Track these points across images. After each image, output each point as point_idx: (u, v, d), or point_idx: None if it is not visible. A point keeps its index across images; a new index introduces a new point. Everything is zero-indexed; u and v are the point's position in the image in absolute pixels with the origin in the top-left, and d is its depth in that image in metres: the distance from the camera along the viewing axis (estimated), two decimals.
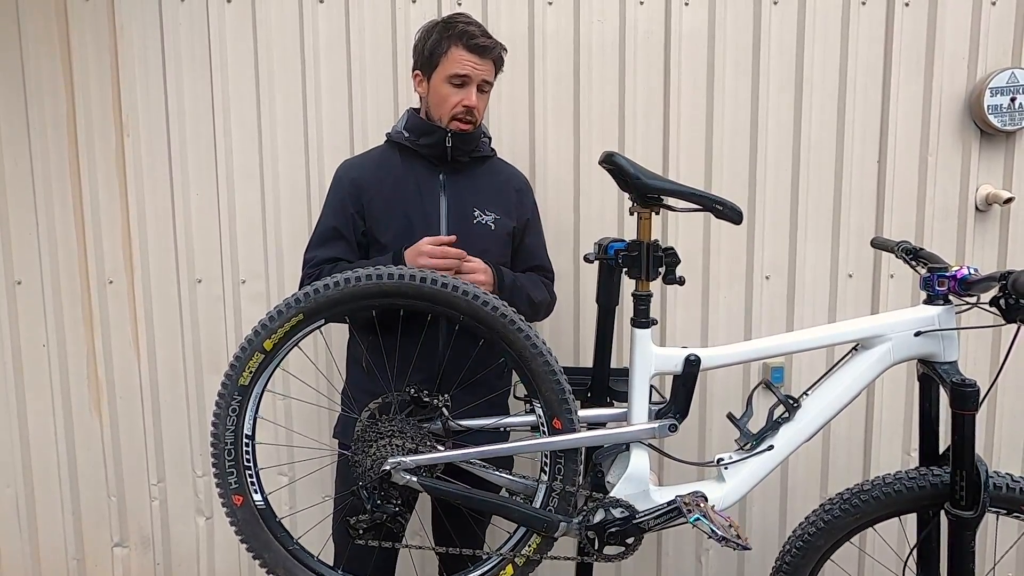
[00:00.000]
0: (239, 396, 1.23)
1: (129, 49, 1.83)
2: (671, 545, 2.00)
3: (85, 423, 1.95)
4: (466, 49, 1.44)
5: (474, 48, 1.44)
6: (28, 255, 1.89)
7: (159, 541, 2.00)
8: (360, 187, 1.49)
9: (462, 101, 1.45)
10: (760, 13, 1.84)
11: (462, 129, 1.47)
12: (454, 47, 1.44)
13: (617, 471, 1.30)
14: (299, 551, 1.29)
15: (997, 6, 1.84)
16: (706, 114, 1.87)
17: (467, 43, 1.44)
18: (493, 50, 1.46)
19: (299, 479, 1.88)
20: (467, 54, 1.44)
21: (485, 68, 1.46)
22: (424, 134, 1.49)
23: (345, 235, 1.48)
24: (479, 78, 1.46)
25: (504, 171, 1.61)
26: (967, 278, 1.21)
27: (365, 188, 1.48)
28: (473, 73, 1.45)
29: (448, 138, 1.46)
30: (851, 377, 1.28)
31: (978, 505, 1.20)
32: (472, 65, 1.44)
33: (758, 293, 1.92)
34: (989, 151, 1.90)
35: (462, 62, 1.44)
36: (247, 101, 1.85)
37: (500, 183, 1.56)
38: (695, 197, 1.23)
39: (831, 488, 1.96)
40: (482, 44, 1.44)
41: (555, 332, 1.90)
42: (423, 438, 1.25)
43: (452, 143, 1.47)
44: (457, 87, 1.45)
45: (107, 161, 1.87)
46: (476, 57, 1.44)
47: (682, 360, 1.26)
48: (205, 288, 1.91)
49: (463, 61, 1.44)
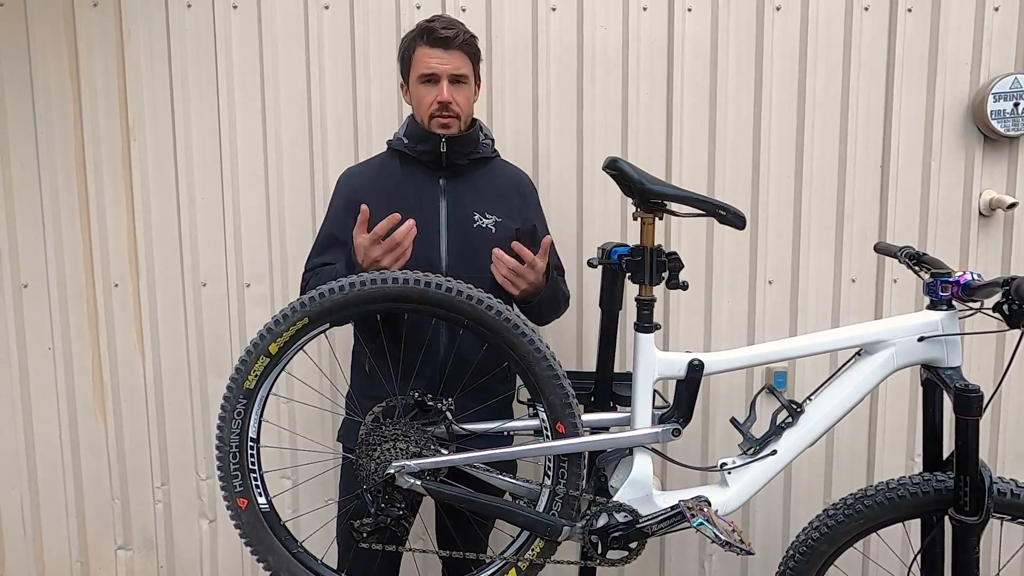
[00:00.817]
0: (244, 399, 1.23)
1: (136, 54, 1.85)
2: (674, 550, 2.00)
3: (90, 426, 1.96)
4: (428, 45, 1.43)
5: (435, 42, 1.43)
6: (35, 258, 1.90)
7: (163, 544, 2.00)
8: (359, 195, 1.48)
9: (436, 98, 1.43)
10: (763, 19, 1.85)
11: (443, 125, 1.45)
12: (418, 47, 1.45)
13: (620, 475, 1.30)
14: (303, 554, 1.29)
15: (1000, 11, 1.85)
16: (709, 119, 1.88)
17: (428, 39, 1.43)
18: (454, 40, 1.43)
19: (302, 483, 1.88)
20: (430, 49, 1.43)
21: (452, 61, 1.44)
22: (420, 140, 1.48)
23: (343, 241, 1.47)
24: (447, 72, 1.43)
25: (506, 172, 1.59)
26: (970, 283, 1.21)
27: (365, 196, 1.47)
28: (439, 68, 1.43)
29: (442, 143, 1.45)
30: (854, 382, 1.28)
31: (982, 511, 1.20)
32: (436, 60, 1.43)
33: (761, 298, 1.92)
34: (992, 156, 1.90)
35: (426, 60, 1.44)
36: (252, 106, 1.87)
37: (501, 185, 1.55)
38: (698, 202, 1.24)
39: (835, 493, 1.95)
40: (441, 36, 1.42)
41: (557, 336, 1.90)
42: (427, 442, 1.25)
43: (446, 147, 1.46)
44: (428, 84, 1.44)
45: (113, 165, 1.88)
46: (439, 51, 1.43)
47: (685, 365, 1.27)
48: (210, 291, 1.92)
49: (426, 59, 1.43)
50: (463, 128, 1.49)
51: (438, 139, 1.45)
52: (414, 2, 1.84)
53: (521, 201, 1.56)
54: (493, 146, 1.59)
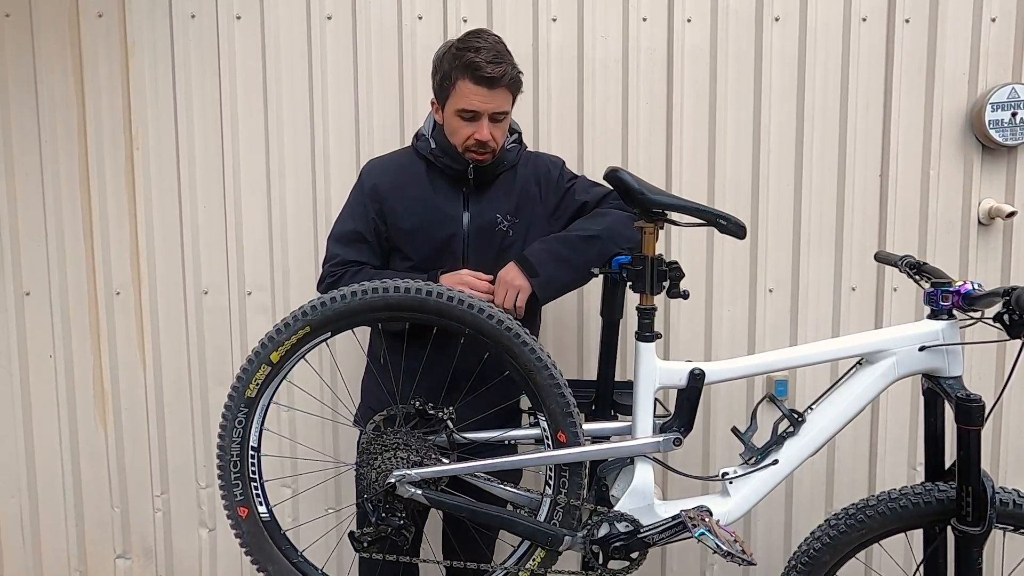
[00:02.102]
0: (245, 408, 1.23)
1: (140, 64, 1.86)
2: (675, 560, 1.99)
3: (90, 434, 1.96)
4: (473, 82, 1.35)
5: (481, 81, 1.34)
6: (37, 267, 1.91)
7: (162, 553, 2.00)
8: (380, 195, 1.47)
9: (473, 135, 1.38)
10: (761, 30, 1.86)
11: (478, 160, 1.42)
12: (461, 80, 1.36)
13: (621, 485, 1.30)
14: (303, 564, 1.29)
15: (997, 22, 1.86)
16: (708, 129, 1.89)
17: (473, 75, 1.34)
18: (502, 79, 1.36)
19: (302, 492, 1.88)
20: (474, 87, 1.35)
21: (496, 100, 1.37)
22: (448, 155, 1.45)
23: (368, 239, 1.46)
24: (489, 111, 1.38)
25: (527, 166, 1.52)
26: (971, 293, 1.22)
27: (386, 197, 1.46)
28: (482, 108, 1.37)
29: (470, 169, 1.43)
30: (856, 392, 1.28)
31: (985, 521, 1.20)
32: (480, 99, 1.36)
33: (761, 306, 1.92)
34: (991, 165, 1.90)
35: (469, 97, 1.36)
36: (255, 115, 1.88)
37: (521, 182, 1.49)
38: (699, 212, 1.24)
39: (836, 502, 1.95)
40: (488, 75, 1.34)
41: (558, 345, 1.90)
42: (428, 451, 1.25)
43: (474, 174, 1.43)
44: (467, 120, 1.38)
45: (116, 174, 1.89)
46: (484, 89, 1.35)
47: (687, 374, 1.27)
48: (211, 300, 1.92)
49: (470, 96, 1.36)
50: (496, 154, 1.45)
51: (467, 164, 1.43)
52: (416, 12, 1.86)
53: (540, 189, 1.50)
54: (520, 144, 1.53)
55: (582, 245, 1.39)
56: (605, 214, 1.46)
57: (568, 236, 1.42)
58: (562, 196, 1.51)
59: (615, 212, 1.45)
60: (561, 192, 1.51)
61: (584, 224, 1.44)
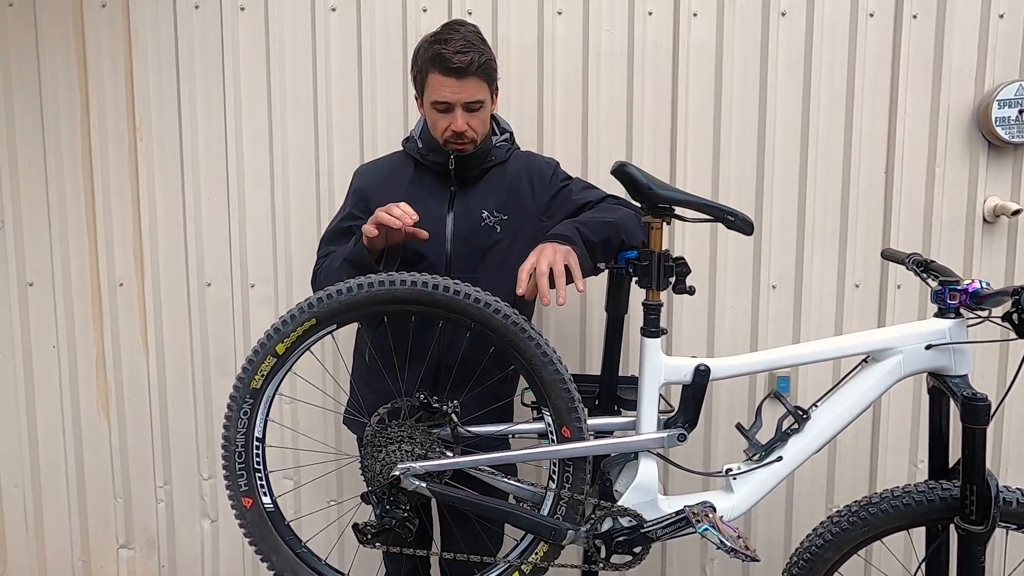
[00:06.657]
0: (251, 399, 1.23)
1: (143, 55, 1.85)
2: (675, 555, 2.00)
3: (93, 425, 1.96)
4: (441, 73, 1.36)
5: (449, 72, 1.35)
6: (40, 257, 1.91)
7: (164, 543, 2.00)
8: (368, 194, 1.49)
9: (449, 127, 1.40)
10: (768, 24, 1.85)
11: (458, 150, 1.43)
12: (431, 72, 1.37)
13: (625, 480, 1.30)
14: (307, 555, 1.29)
15: (1005, 18, 1.85)
16: (714, 124, 1.88)
17: (441, 67, 1.35)
18: (469, 68, 1.35)
19: (305, 484, 1.88)
20: (443, 78, 1.36)
21: (467, 90, 1.37)
22: (432, 151, 1.47)
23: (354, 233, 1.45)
24: (461, 101, 1.38)
25: (516, 163, 1.52)
26: (979, 292, 1.21)
27: (372, 196, 1.48)
28: (452, 98, 1.37)
29: (451, 159, 1.43)
30: (861, 389, 1.28)
31: (988, 520, 1.20)
32: (450, 91, 1.37)
33: (765, 303, 1.92)
34: (997, 163, 1.90)
35: (439, 89, 1.37)
36: (259, 107, 1.87)
37: (511, 179, 1.49)
38: (706, 208, 1.24)
39: (837, 499, 1.95)
40: (455, 65, 1.34)
41: (561, 339, 1.90)
42: (432, 444, 1.25)
43: (455, 164, 1.44)
44: (442, 112, 1.40)
45: (120, 165, 1.89)
46: (453, 80, 1.36)
47: (692, 370, 1.27)
48: (214, 291, 1.92)
49: (440, 88, 1.37)
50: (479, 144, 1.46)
51: (448, 155, 1.44)
52: (421, 4, 1.85)
53: (532, 187, 1.50)
54: (511, 143, 1.54)
55: (601, 228, 1.37)
56: (615, 208, 1.46)
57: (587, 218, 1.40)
58: (555, 194, 1.51)
59: (623, 208, 1.46)
60: (554, 190, 1.51)
61: (596, 213, 1.43)
